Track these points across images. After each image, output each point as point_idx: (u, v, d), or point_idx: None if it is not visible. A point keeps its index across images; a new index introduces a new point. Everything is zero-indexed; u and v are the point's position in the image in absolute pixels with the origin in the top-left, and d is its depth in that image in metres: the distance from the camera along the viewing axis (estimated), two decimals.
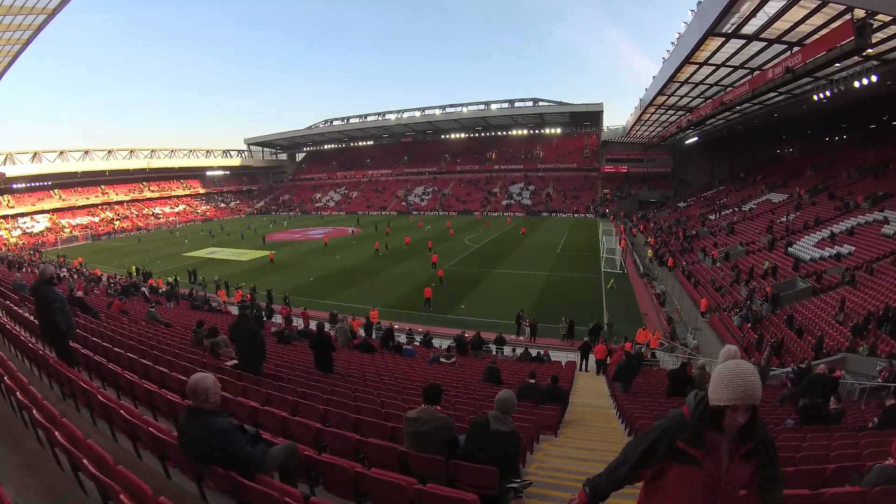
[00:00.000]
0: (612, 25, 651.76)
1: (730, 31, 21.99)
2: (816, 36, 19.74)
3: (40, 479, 3.84)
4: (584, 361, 18.72)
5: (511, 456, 3.92)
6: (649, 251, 39.21)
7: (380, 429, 4.94)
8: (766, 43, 22.68)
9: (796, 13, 18.78)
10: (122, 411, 4.14)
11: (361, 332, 20.51)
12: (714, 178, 63.28)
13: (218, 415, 3.36)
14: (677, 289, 29.38)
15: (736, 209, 43.84)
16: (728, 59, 26.13)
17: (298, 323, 22.03)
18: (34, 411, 3.86)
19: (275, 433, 4.92)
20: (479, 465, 3.72)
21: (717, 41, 23.48)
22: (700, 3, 22.47)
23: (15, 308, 10.39)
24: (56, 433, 3.43)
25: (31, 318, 8.51)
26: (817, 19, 18.92)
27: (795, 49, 21.36)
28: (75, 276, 29.84)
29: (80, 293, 14.46)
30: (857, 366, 15.41)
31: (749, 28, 21.31)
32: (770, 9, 18.88)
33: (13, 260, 33.33)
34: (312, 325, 22.57)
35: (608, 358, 17.27)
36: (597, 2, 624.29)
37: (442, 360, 14.69)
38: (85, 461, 3.01)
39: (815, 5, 17.57)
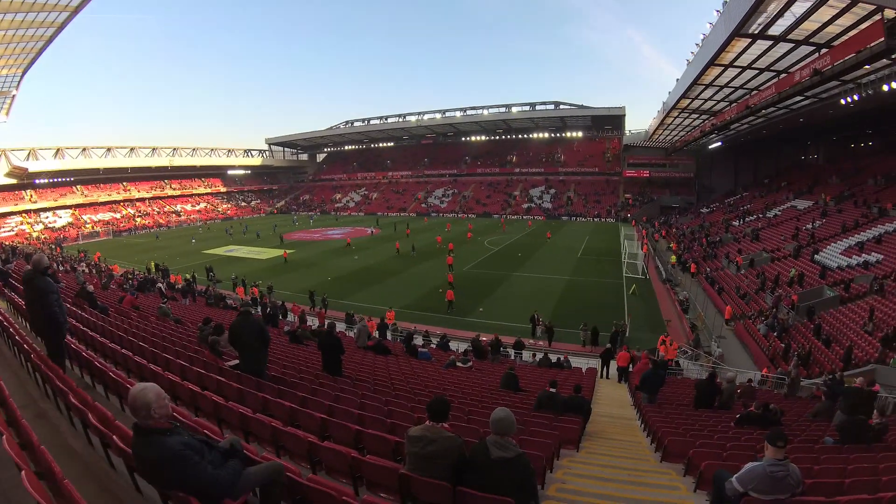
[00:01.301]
0: (633, 27, 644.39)
1: (756, 32, 21.11)
2: (845, 37, 18.92)
3: None
4: (605, 368, 18.09)
5: (523, 485, 3.33)
6: (672, 257, 38.22)
7: (383, 444, 4.41)
8: (793, 44, 21.77)
9: (824, 13, 17.96)
10: (90, 414, 3.69)
11: (376, 334, 20.07)
12: (738, 184, 61.74)
13: (167, 433, 2.84)
14: (701, 296, 28.46)
15: (760, 215, 42.77)
16: (754, 60, 25.16)
17: (313, 322, 21.69)
18: None
19: (266, 445, 4.46)
20: (491, 494, 3.19)
21: (744, 42, 22.59)
22: (726, 2, 21.67)
23: (20, 301, 10.12)
24: (3, 437, 2.96)
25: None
26: (846, 20, 18.09)
27: (823, 51, 20.53)
28: (93, 271, 29.87)
29: (90, 287, 14.18)
30: (887, 378, 14.54)
31: (776, 29, 20.46)
32: (797, 9, 18.05)
33: (30, 253, 33.49)
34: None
35: (631, 366, 16.65)
36: (617, 5, 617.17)
37: (458, 364, 14.18)
38: (24, 473, 2.52)
39: (843, 5, 16.76)
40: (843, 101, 25.37)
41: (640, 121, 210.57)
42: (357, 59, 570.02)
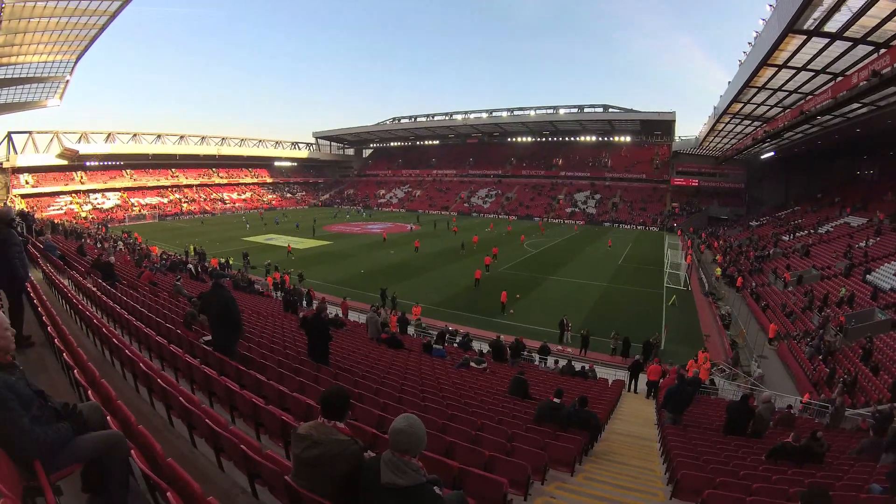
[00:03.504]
0: (684, 33, 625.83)
1: (811, 28, 19.59)
2: None
3: None
4: (633, 382, 16.93)
5: None
6: (717, 269, 36.32)
7: None
8: (850, 43, 20.13)
9: (883, 8, 16.50)
10: None
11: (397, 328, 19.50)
12: (789, 198, 58.44)
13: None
14: (744, 311, 26.81)
15: (811, 231, 40.15)
16: (809, 61, 23.46)
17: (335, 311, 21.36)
18: None
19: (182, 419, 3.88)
20: None
21: (798, 40, 21.06)
22: None
23: None
24: None
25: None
26: None
27: (882, 51, 18.86)
28: (130, 250, 30.58)
29: (111, 258, 14.23)
30: None
31: (832, 25, 18.90)
32: (854, 3, 16.64)
33: (70, 229, 34.58)
34: (354, 316, 21.93)
35: (661, 379, 15.51)
36: (669, 10, 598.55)
37: (472, 364, 13.43)
38: None
39: None
40: None
41: (689, 128, 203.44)
42: (405, 57, 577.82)
